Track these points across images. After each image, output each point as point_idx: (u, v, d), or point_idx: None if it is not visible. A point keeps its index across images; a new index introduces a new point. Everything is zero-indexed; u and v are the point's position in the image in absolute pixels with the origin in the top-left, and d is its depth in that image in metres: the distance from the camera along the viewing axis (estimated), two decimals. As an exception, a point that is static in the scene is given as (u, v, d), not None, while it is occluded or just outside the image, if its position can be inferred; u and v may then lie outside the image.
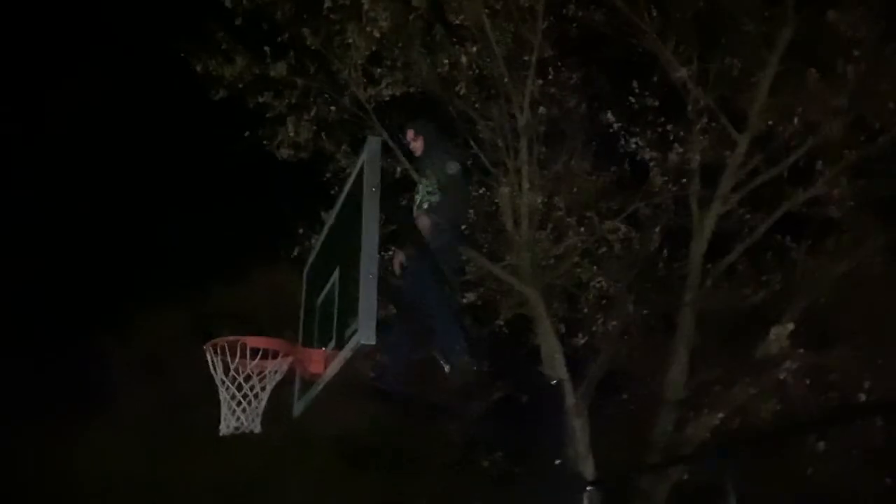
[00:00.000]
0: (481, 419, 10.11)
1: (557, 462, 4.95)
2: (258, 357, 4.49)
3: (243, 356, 4.50)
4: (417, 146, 5.53)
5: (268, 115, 9.71)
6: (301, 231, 9.97)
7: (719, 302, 9.68)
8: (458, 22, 9.03)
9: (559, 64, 9.58)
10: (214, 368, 4.51)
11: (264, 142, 9.91)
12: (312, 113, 9.59)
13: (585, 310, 9.93)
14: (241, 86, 9.27)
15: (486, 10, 9.17)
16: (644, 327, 10.18)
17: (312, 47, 9.58)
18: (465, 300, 9.86)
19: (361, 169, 4.47)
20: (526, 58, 9.34)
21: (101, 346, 15.37)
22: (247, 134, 9.60)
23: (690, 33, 9.37)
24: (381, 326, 5.28)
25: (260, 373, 4.53)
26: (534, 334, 9.74)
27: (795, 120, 8.88)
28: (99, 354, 15.37)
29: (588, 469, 8.78)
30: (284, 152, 9.92)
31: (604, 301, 10.15)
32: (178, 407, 14.45)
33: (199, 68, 9.26)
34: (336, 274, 4.80)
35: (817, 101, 8.45)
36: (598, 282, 9.99)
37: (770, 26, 9.03)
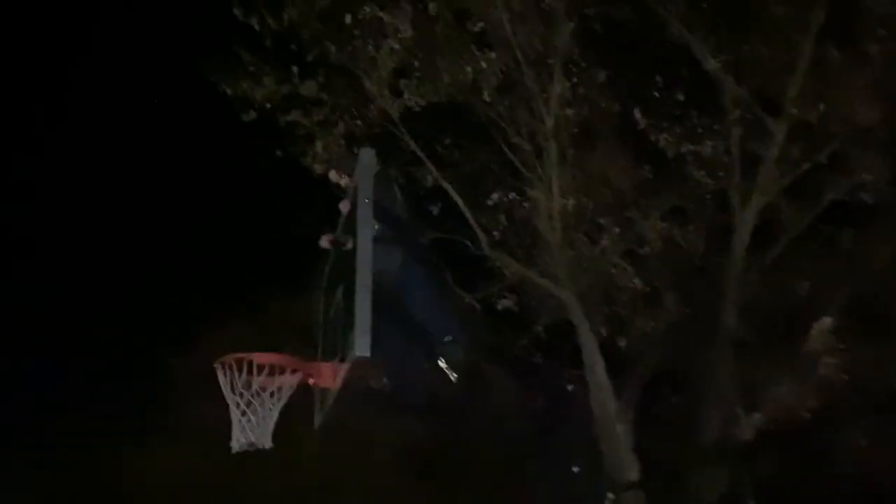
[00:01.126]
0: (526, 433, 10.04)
1: (575, 469, 4.84)
2: (264, 373, 4.55)
3: (251, 373, 4.58)
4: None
5: (299, 134, 9.87)
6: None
7: (764, 296, 9.39)
8: (477, 29, 8.97)
9: (584, 64, 9.44)
10: (226, 386, 4.60)
11: (300, 158, 10.08)
12: (341, 129, 9.69)
13: (624, 311, 9.74)
14: (269, 106, 9.43)
15: (508, 15, 9.13)
16: (688, 326, 9.94)
17: (338, 64, 9.71)
18: (500, 306, 9.83)
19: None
20: (550, 60, 9.25)
21: (167, 359, 15.84)
22: (279, 153, 9.76)
23: (719, 22, 9.13)
24: (387, 337, 5.35)
25: (269, 388, 4.60)
26: (573, 338, 9.63)
27: (831, 105, 8.54)
28: (164, 368, 15.85)
29: (632, 474, 8.62)
30: (319, 168, 10.06)
31: (645, 301, 9.96)
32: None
33: (229, 91, 9.47)
34: (340, 291, 4.86)
35: (852, 83, 8.11)
36: (638, 282, 9.80)
37: (801, 9, 8.72)
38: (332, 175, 5.20)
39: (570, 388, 6.26)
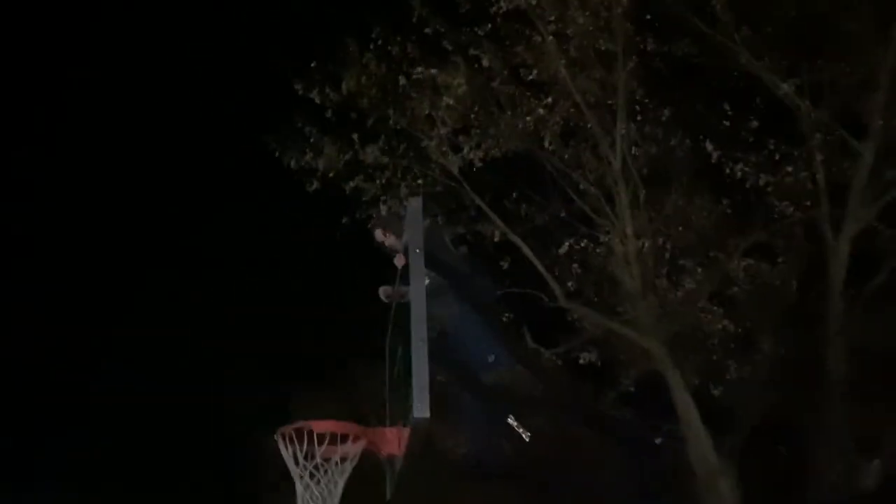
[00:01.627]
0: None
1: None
2: (325, 442, 4.29)
3: (312, 443, 4.32)
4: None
5: (364, 199, 9.82)
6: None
7: (871, 331, 8.62)
8: (532, 78, 8.81)
9: (647, 101, 9.11)
10: (288, 457, 4.35)
11: (368, 226, 10.00)
12: (404, 191, 9.59)
13: (716, 357, 9.09)
14: (331, 174, 9.44)
15: (564, 61, 8.95)
16: (789, 369, 9.20)
17: (398, 127, 9.69)
18: (582, 360, 9.35)
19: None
20: (611, 101, 8.97)
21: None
22: (345, 220, 9.71)
23: (789, 43, 8.69)
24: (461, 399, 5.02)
25: (332, 458, 4.33)
26: (665, 391, 9.03)
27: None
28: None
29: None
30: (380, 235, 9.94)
31: (738, 346, 9.29)
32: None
33: (292, 164, 9.54)
34: (400, 350, 4.59)
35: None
36: (729, 325, 9.16)
37: (880, 22, 8.21)
38: (378, 234, 5.00)
39: (657, 441, 5.74)
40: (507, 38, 9.08)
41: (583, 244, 9.31)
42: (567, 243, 9.32)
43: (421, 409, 3.76)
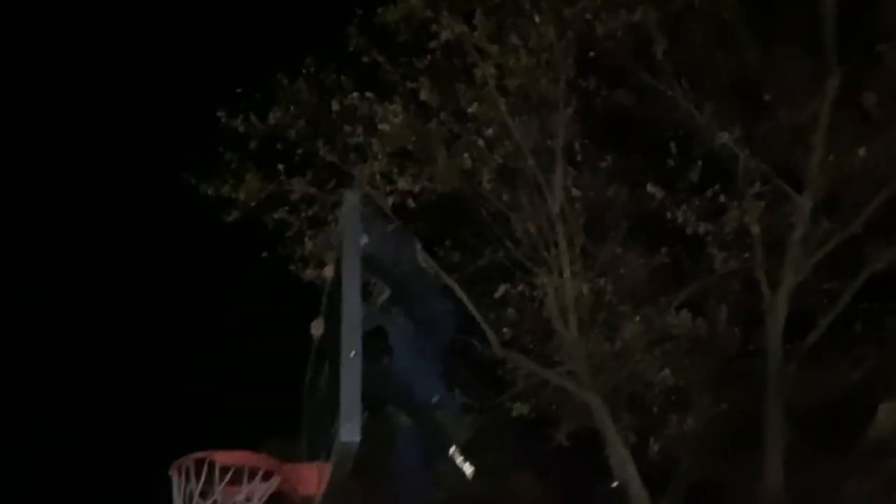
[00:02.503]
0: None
1: None
2: (227, 477, 3.58)
3: (211, 479, 3.61)
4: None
5: (288, 235, 9.20)
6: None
7: (809, 388, 8.41)
8: (471, 112, 8.48)
9: (588, 146, 8.90)
10: (179, 496, 3.61)
11: (290, 266, 9.38)
12: (332, 226, 9.02)
13: (654, 411, 8.69)
14: (253, 204, 8.82)
15: (504, 100, 8.68)
16: (727, 427, 8.88)
17: (328, 160, 9.19)
18: (514, 413, 8.78)
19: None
20: (549, 142, 8.72)
21: None
22: (265, 254, 9.05)
23: (728, 94, 8.66)
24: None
25: (230, 498, 3.61)
26: (599, 446, 8.54)
27: (860, 172, 7.91)
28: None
29: None
30: (310, 273, 9.32)
31: (676, 400, 8.94)
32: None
33: (210, 192, 8.88)
34: (326, 369, 3.96)
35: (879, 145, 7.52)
36: (667, 379, 8.80)
37: (814, 76, 8.26)
38: (328, 270, 4.31)
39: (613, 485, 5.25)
40: (446, 73, 8.78)
41: (519, 289, 8.87)
42: (503, 288, 8.86)
43: (350, 431, 3.14)
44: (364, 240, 3.41)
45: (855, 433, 7.70)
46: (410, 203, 9.03)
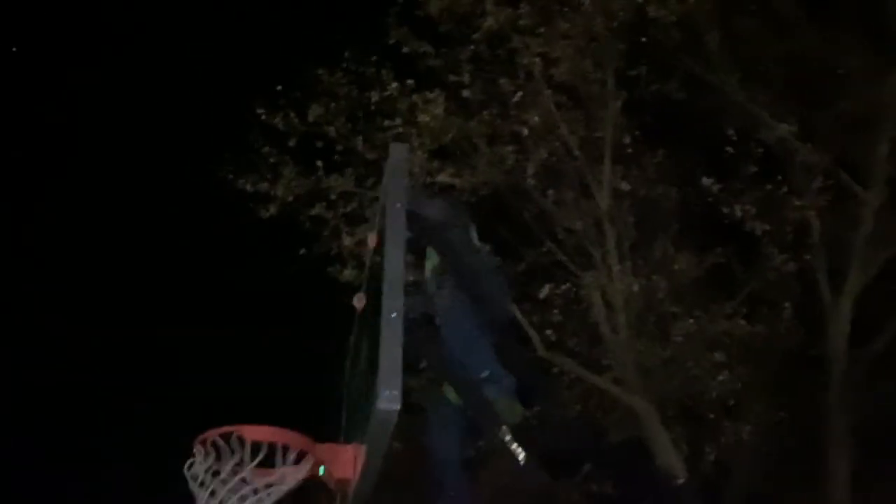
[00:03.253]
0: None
1: None
2: (260, 453, 3.25)
3: (240, 457, 3.28)
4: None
5: (325, 233, 8.96)
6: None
7: (876, 397, 7.86)
8: (516, 102, 8.16)
9: (638, 141, 8.51)
10: (201, 470, 3.29)
11: (328, 269, 9.13)
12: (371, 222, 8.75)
13: (711, 417, 8.19)
14: (290, 199, 8.60)
15: (551, 95, 8.36)
16: (785, 436, 8.35)
17: (368, 157, 8.96)
18: (559, 418, 8.36)
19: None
20: (598, 135, 8.36)
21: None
22: (302, 252, 8.81)
23: (784, 86, 8.24)
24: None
25: (261, 478, 3.28)
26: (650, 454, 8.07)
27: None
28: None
29: None
30: (348, 273, 9.06)
31: (730, 409, 8.43)
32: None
33: (248, 187, 8.69)
34: (365, 345, 3.62)
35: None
36: (719, 383, 8.30)
37: (881, 61, 7.80)
38: (370, 239, 3.96)
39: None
40: (489, 64, 8.49)
41: (564, 288, 8.48)
42: (547, 287, 8.48)
43: (389, 398, 2.78)
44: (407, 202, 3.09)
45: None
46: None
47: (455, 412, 3.66)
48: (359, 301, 4.25)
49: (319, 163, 8.97)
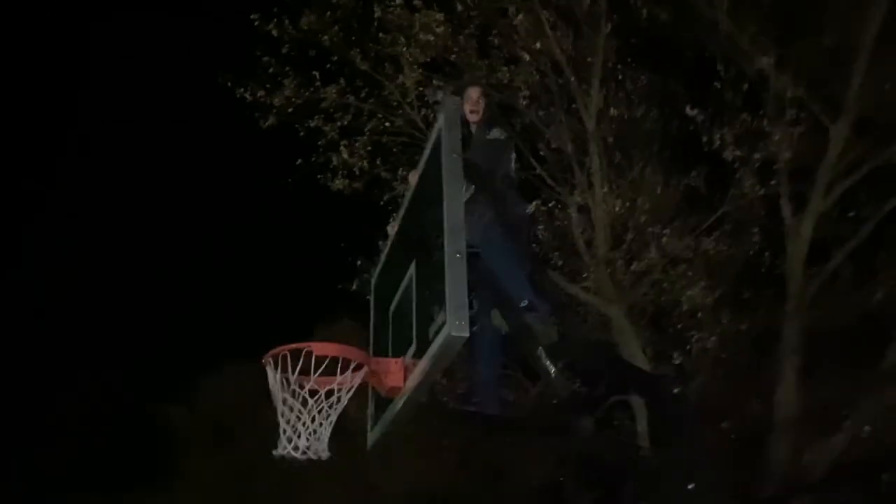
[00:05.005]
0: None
1: (690, 487, 4.02)
2: (326, 370, 3.75)
3: (307, 369, 3.78)
4: (477, 112, 4.52)
5: (320, 143, 9.22)
6: (359, 263, 9.36)
7: (828, 310, 8.65)
8: (515, 24, 8.38)
9: (629, 63, 8.86)
10: (275, 384, 3.79)
11: (318, 176, 9.42)
12: (366, 136, 9.05)
13: (679, 326, 8.96)
14: (290, 110, 8.79)
15: (546, 14, 8.59)
16: (744, 345, 9.18)
17: (362, 68, 9.14)
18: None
19: (438, 138, 3.78)
20: (590, 60, 8.68)
21: (168, 414, 15.06)
22: (299, 162, 9.09)
23: (768, 18, 8.59)
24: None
25: (329, 390, 3.79)
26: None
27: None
28: (166, 423, 15.05)
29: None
30: (339, 183, 9.39)
31: (696, 318, 9.20)
32: (245, 471, 13.90)
33: (248, 96, 8.84)
34: (412, 268, 4.07)
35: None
36: (688, 297, 9.04)
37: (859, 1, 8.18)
38: (411, 177, 4.37)
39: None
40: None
41: (549, 206, 8.99)
42: (533, 204, 8.97)
43: (458, 327, 3.28)
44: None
45: (872, 356, 7.98)
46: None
47: (499, 333, 4.19)
48: (392, 228, 4.69)
49: (315, 73, 9.15)
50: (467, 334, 3.28)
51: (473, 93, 4.58)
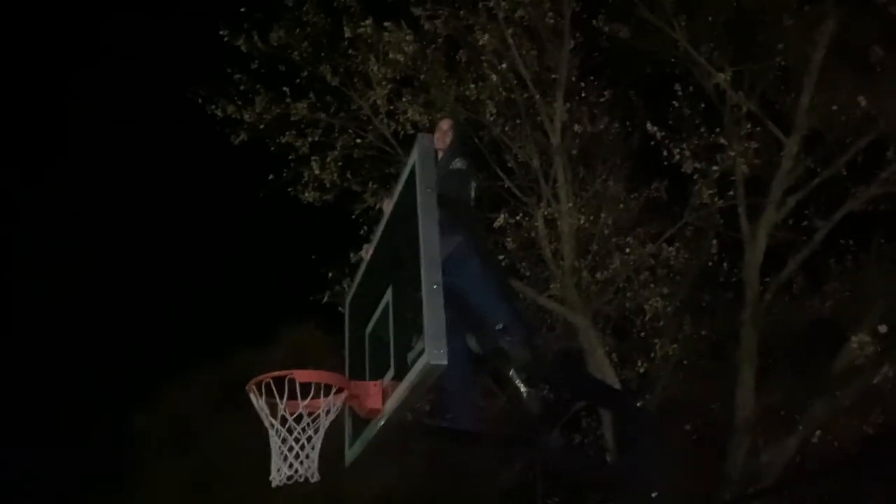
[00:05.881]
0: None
1: (654, 496, 4.29)
2: (310, 396, 3.93)
3: (291, 396, 3.96)
4: (444, 142, 4.76)
5: (291, 157, 9.37)
6: (330, 275, 9.52)
7: (782, 317, 9.06)
8: (482, 43, 8.63)
9: (592, 79, 9.17)
10: (261, 410, 3.96)
11: (288, 189, 9.57)
12: (337, 150, 9.22)
13: (643, 333, 9.29)
14: (262, 126, 8.93)
15: (511, 31, 8.85)
16: (703, 351, 9.55)
17: (332, 84, 9.31)
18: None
19: (412, 171, 3.98)
20: (554, 76, 8.96)
21: (129, 419, 15.02)
22: (270, 177, 9.23)
23: (724, 37, 8.95)
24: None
25: (311, 413, 3.97)
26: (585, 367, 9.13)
27: (847, 115, 8.34)
28: (127, 428, 15.01)
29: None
30: (310, 195, 9.55)
31: (658, 325, 9.54)
32: (210, 478, 13.92)
33: (218, 113, 8.95)
34: (389, 294, 4.27)
35: (870, 90, 7.93)
36: (651, 305, 9.38)
37: (810, 20, 8.57)
38: (385, 204, 4.57)
39: (638, 405, 5.83)
40: (454, 1, 8.88)
41: (517, 219, 9.26)
42: (501, 216, 9.24)
43: (437, 356, 3.49)
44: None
45: (823, 361, 8.37)
46: (410, 130, 9.29)
47: (474, 355, 4.42)
48: (366, 252, 4.90)
49: (286, 88, 9.29)
50: (445, 363, 3.49)
51: (444, 124, 4.81)
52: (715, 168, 9.24)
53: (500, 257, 8.20)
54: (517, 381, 4.17)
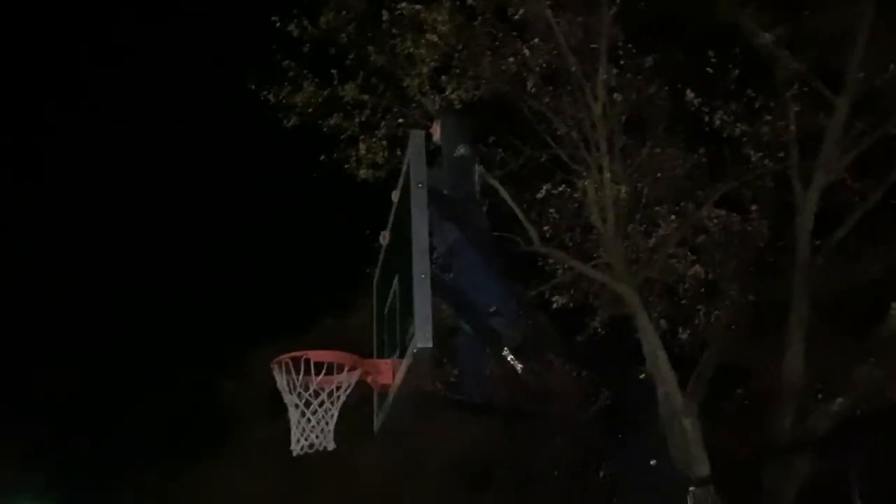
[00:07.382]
0: (588, 427, 9.69)
1: (653, 463, 4.53)
2: (322, 372, 4.35)
3: (308, 372, 4.38)
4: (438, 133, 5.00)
5: (341, 137, 9.76)
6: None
7: (833, 281, 8.92)
8: (518, 17, 8.73)
9: (631, 47, 9.13)
10: (283, 386, 4.41)
11: (345, 165, 9.97)
12: (383, 130, 9.55)
13: (685, 302, 9.34)
14: (310, 110, 9.34)
15: (549, 3, 8.91)
16: (753, 316, 9.52)
17: (378, 65, 9.61)
18: (555, 304, 9.54)
19: (409, 167, 4.28)
20: (594, 45, 8.98)
21: (225, 386, 16.08)
22: (322, 157, 9.66)
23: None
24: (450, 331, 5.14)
25: (328, 388, 4.39)
26: (634, 334, 9.28)
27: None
28: (223, 394, 16.08)
29: (703, 469, 8.22)
30: (364, 173, 9.93)
31: (706, 291, 9.56)
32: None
33: (270, 98, 9.41)
34: (395, 281, 4.63)
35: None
36: (698, 272, 9.40)
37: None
38: (394, 195, 4.85)
39: (641, 377, 6.01)
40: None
41: (560, 189, 9.40)
42: (544, 188, 9.40)
43: (424, 339, 3.82)
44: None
45: (872, 324, 8.25)
46: (456, 104, 9.51)
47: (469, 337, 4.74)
48: (384, 238, 5.26)
49: (334, 71, 9.65)
50: (431, 345, 3.82)
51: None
52: (765, 130, 9.12)
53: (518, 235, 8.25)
54: (512, 361, 4.47)
